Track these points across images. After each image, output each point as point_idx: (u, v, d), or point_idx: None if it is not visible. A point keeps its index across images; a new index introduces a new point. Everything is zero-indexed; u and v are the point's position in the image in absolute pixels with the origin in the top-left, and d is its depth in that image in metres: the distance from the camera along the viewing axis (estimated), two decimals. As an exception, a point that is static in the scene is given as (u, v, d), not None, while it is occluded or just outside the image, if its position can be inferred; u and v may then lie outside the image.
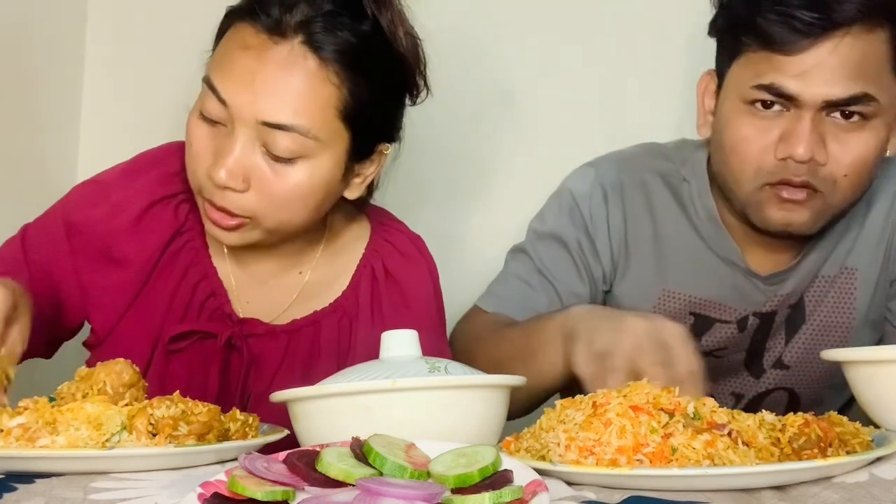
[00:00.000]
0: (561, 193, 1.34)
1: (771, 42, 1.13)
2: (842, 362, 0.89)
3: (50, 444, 0.75)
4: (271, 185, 1.03)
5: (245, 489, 0.63)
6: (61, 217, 1.14)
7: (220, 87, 1.03)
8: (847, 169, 1.15)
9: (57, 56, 1.64)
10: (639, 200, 1.30)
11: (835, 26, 1.10)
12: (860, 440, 0.75)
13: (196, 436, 0.78)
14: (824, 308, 1.30)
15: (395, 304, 1.17)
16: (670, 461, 0.68)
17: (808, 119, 1.13)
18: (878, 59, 1.13)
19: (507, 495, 0.61)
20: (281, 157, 1.02)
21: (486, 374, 0.89)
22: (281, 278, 1.18)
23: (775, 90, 1.13)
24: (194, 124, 1.06)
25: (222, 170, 1.01)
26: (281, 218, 1.06)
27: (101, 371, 0.86)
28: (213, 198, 1.04)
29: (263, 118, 1.01)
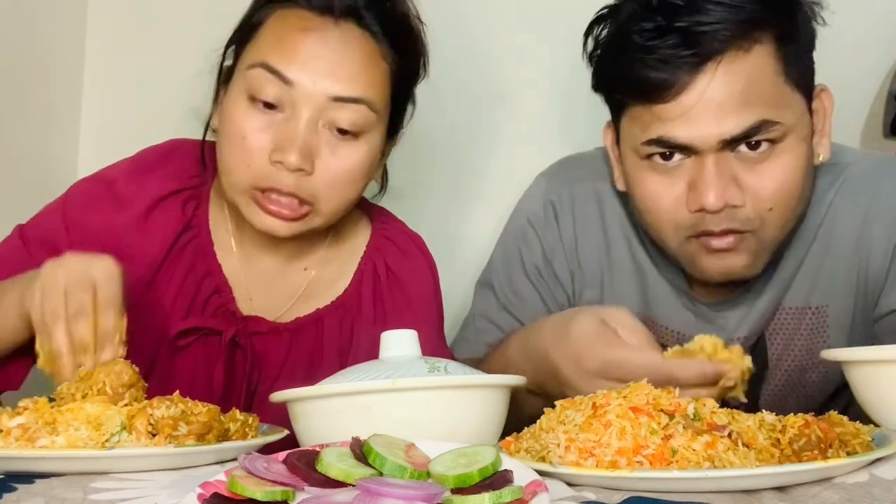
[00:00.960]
0: (516, 215, 1.30)
1: (646, 92, 1.05)
2: (842, 362, 0.89)
3: (50, 445, 0.75)
4: (335, 166, 1.06)
5: (245, 489, 0.63)
6: (61, 214, 1.14)
7: (283, 68, 1.04)
8: (770, 202, 1.06)
9: (57, 54, 1.64)
10: (590, 212, 1.24)
11: (706, 59, 1.02)
12: (860, 440, 0.75)
13: (196, 436, 0.78)
14: (794, 351, 1.20)
15: (396, 301, 1.19)
16: (670, 463, 0.68)
17: (711, 163, 1.04)
18: (766, 77, 1.04)
19: (507, 495, 0.61)
20: (347, 131, 1.06)
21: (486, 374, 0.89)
22: (286, 275, 1.19)
23: (665, 143, 1.05)
24: (243, 114, 1.06)
25: (294, 152, 1.03)
26: (339, 199, 1.09)
27: (101, 371, 0.86)
28: (278, 184, 1.04)
29: (336, 93, 1.04)
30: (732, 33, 1.02)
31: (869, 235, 1.15)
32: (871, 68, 1.56)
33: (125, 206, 1.13)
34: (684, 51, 1.02)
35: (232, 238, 1.17)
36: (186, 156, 1.17)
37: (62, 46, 1.65)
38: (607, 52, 1.11)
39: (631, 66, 1.05)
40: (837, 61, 1.32)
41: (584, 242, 1.24)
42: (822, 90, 1.13)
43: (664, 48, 1.02)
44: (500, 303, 1.27)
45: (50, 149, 1.63)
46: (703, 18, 1.01)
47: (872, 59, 1.56)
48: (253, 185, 1.06)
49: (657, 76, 1.03)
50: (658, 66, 1.03)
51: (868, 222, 1.15)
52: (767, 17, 1.03)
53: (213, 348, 1.14)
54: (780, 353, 1.20)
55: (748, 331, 1.19)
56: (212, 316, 1.14)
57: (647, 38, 1.04)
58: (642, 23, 1.04)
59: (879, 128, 1.52)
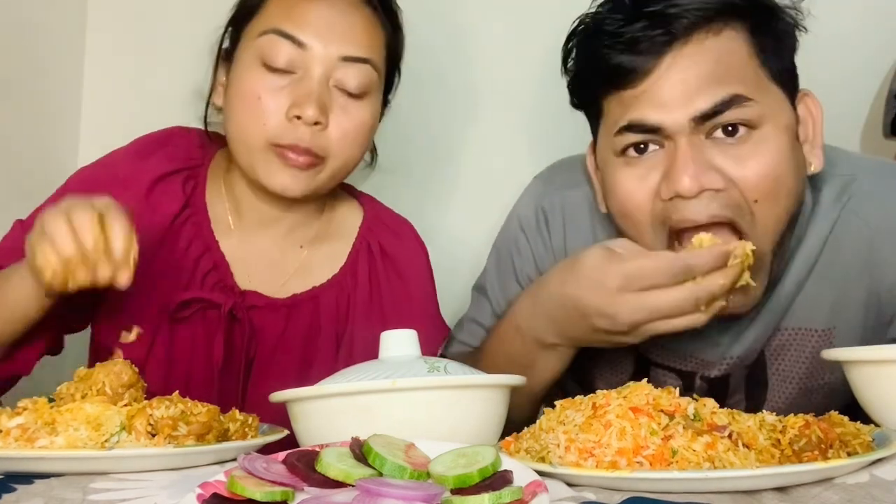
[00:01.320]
0: (510, 218, 1.29)
1: (616, 78, 1.03)
2: (842, 362, 0.89)
3: (49, 445, 0.75)
4: (345, 122, 1.13)
5: (244, 489, 0.63)
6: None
7: (295, 32, 1.12)
8: (755, 192, 1.00)
9: (58, 51, 1.64)
10: (581, 219, 1.22)
11: (673, 38, 1.00)
12: (861, 441, 0.74)
13: (195, 436, 0.78)
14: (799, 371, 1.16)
15: (391, 280, 1.24)
16: (670, 463, 0.68)
17: (685, 146, 0.99)
18: (737, 58, 1.01)
19: (507, 496, 0.61)
20: (353, 91, 1.14)
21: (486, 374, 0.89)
22: (282, 253, 1.23)
23: (637, 126, 1.02)
24: (257, 78, 1.12)
25: (312, 106, 1.10)
26: (347, 157, 1.16)
27: (100, 371, 0.86)
28: (295, 140, 1.11)
29: (345, 53, 1.12)
30: (702, 14, 1.00)
31: (879, 256, 1.10)
32: (870, 68, 1.56)
33: (127, 187, 1.17)
34: (651, 32, 1.00)
35: (230, 216, 1.22)
36: (183, 139, 1.23)
37: (62, 46, 1.65)
38: (581, 51, 1.10)
39: (601, 55, 1.04)
40: (837, 61, 1.33)
41: (574, 250, 1.20)
42: (807, 95, 1.08)
43: (632, 32, 1.01)
44: (493, 309, 1.27)
45: (50, 148, 1.63)
46: (674, 2, 1.01)
47: (872, 59, 1.56)
48: (270, 141, 1.12)
49: (626, 60, 1.02)
50: (626, 50, 1.01)
51: (878, 242, 1.10)
52: (740, 9, 1.02)
53: (212, 321, 1.17)
54: (785, 375, 1.16)
55: (744, 349, 1.15)
56: (210, 290, 1.18)
57: (617, 25, 1.03)
58: (612, 13, 1.04)
59: (879, 128, 1.52)
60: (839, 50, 1.28)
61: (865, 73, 1.57)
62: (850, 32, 1.52)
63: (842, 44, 1.35)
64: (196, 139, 1.25)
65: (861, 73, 1.56)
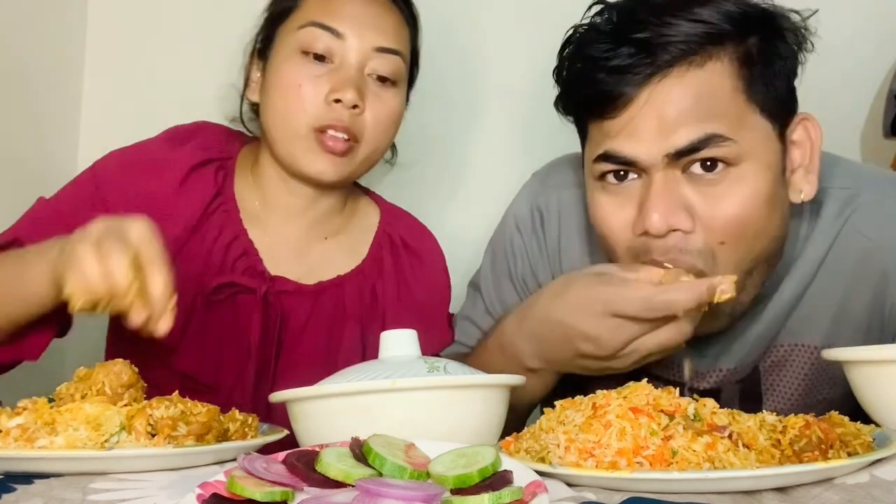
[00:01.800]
0: (506, 217, 1.29)
1: (595, 107, 1.01)
2: (842, 362, 0.89)
3: (49, 445, 0.75)
4: (379, 108, 1.20)
5: (244, 490, 0.63)
6: (93, 181, 1.21)
7: (334, 24, 1.19)
8: (722, 233, 0.97)
9: (57, 54, 1.64)
10: (576, 218, 1.21)
11: (654, 71, 0.97)
12: (861, 441, 0.75)
13: (195, 436, 0.78)
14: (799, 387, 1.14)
15: (415, 268, 1.32)
16: (670, 464, 0.68)
17: (659, 182, 0.97)
18: (720, 94, 0.97)
19: (507, 496, 0.61)
20: (388, 78, 1.21)
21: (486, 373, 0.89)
22: (307, 242, 1.28)
23: (612, 157, 1.00)
24: (298, 68, 1.19)
25: (352, 90, 1.17)
26: (379, 142, 1.22)
27: (100, 372, 0.86)
28: (337, 121, 1.17)
29: (378, 44, 1.20)
30: (686, 47, 0.96)
31: (882, 273, 1.08)
32: (870, 68, 1.56)
33: (163, 172, 1.22)
34: (635, 61, 0.97)
35: (258, 207, 1.27)
36: (212, 132, 1.29)
37: (62, 46, 1.65)
38: (568, 70, 1.08)
39: (585, 80, 1.02)
40: (837, 60, 1.32)
41: (567, 250, 1.22)
42: (806, 119, 1.04)
43: (616, 60, 0.98)
44: (486, 307, 1.27)
45: (50, 149, 1.63)
46: (663, 31, 0.97)
47: (872, 59, 1.56)
48: (311, 125, 1.18)
49: (606, 89, 0.99)
50: (608, 79, 0.99)
51: (881, 257, 1.08)
52: (729, 35, 0.98)
53: (242, 306, 1.23)
54: (781, 391, 1.15)
55: (736, 362, 1.13)
56: (241, 275, 1.23)
57: (602, 50, 1.00)
58: (600, 36, 1.02)
59: (879, 128, 1.52)
60: (839, 50, 1.27)
61: (865, 74, 1.57)
62: (849, 33, 1.52)
63: (841, 44, 1.35)
64: (223, 133, 1.31)
65: (861, 74, 1.56)
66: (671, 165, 0.97)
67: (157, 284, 0.91)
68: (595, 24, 1.05)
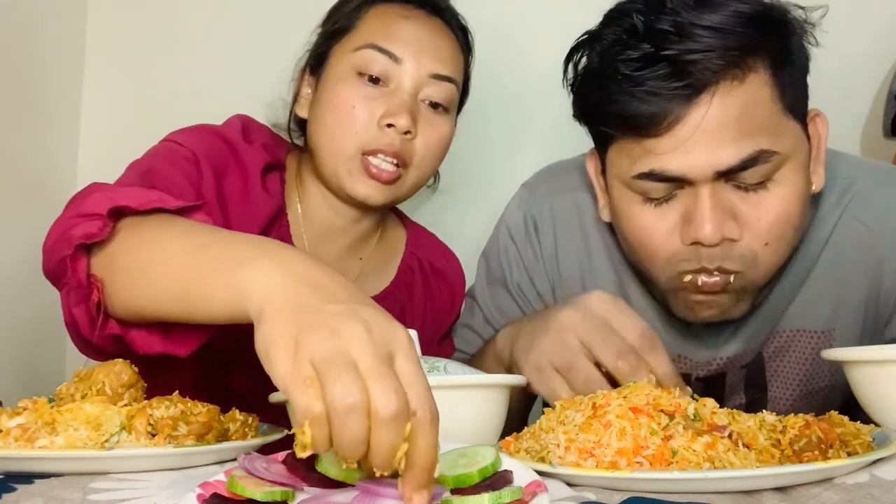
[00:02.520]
0: (499, 227, 1.29)
1: (636, 127, 0.99)
2: (842, 362, 0.89)
3: (49, 445, 0.74)
4: (431, 134, 1.20)
5: (244, 490, 0.63)
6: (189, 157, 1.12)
7: (392, 48, 1.18)
8: (767, 235, 1.00)
9: (57, 54, 1.64)
10: (570, 225, 1.22)
11: (699, 90, 0.96)
12: (861, 441, 0.75)
13: (195, 436, 0.78)
14: (800, 373, 1.17)
15: (442, 292, 1.33)
16: (670, 463, 0.68)
17: (707, 195, 0.98)
18: (762, 105, 0.98)
19: (507, 496, 0.61)
20: (440, 104, 1.20)
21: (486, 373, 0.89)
22: (344, 262, 1.28)
23: (658, 176, 0.99)
24: (351, 87, 1.17)
25: (406, 115, 1.15)
26: (428, 168, 1.21)
27: (100, 372, 0.86)
28: (387, 146, 1.15)
29: (434, 70, 1.19)
30: (725, 62, 0.96)
31: (878, 259, 1.11)
32: (871, 68, 1.56)
33: (243, 168, 1.18)
34: (675, 82, 0.95)
35: (301, 222, 1.25)
36: (266, 133, 1.27)
37: (62, 46, 1.65)
38: (590, 82, 1.05)
39: (618, 99, 0.99)
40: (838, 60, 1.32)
41: (564, 256, 1.23)
42: (817, 115, 1.07)
43: (653, 79, 0.96)
44: (484, 317, 1.27)
45: (50, 149, 1.63)
46: (693, 46, 0.95)
47: (872, 59, 1.56)
48: (361, 148, 1.16)
49: (647, 109, 0.97)
50: (648, 98, 0.97)
51: (877, 245, 1.11)
52: (760, 42, 0.98)
53: None
54: (785, 377, 1.17)
55: (738, 350, 1.15)
56: None
57: (634, 67, 0.97)
58: (628, 51, 0.98)
59: (879, 128, 1.52)
60: (840, 50, 1.28)
61: (866, 74, 1.57)
62: (849, 32, 1.52)
63: (842, 44, 1.34)
64: (274, 137, 1.28)
65: (861, 74, 1.56)
66: (718, 178, 0.99)
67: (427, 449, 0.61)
68: (620, 38, 1.01)
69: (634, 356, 0.91)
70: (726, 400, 1.19)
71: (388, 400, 0.58)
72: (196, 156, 1.13)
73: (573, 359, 0.93)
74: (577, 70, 1.08)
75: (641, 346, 0.92)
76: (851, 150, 1.59)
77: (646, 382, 0.79)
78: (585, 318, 0.95)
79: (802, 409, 1.12)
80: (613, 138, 1.04)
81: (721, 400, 1.15)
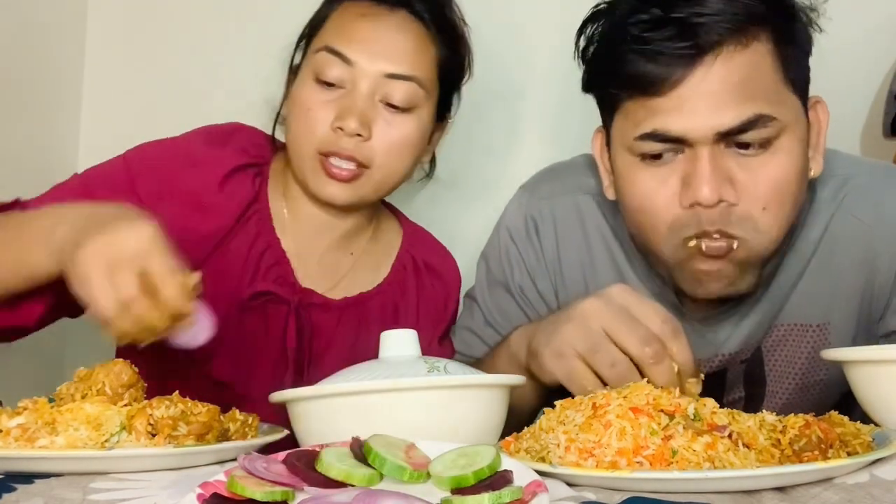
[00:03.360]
0: (498, 229, 1.29)
1: (641, 85, 1.02)
2: (842, 362, 0.89)
3: (49, 445, 0.75)
4: (389, 134, 1.18)
5: (244, 489, 0.63)
6: (124, 168, 1.20)
7: (344, 50, 1.18)
8: (764, 200, 1.02)
9: (58, 51, 1.64)
10: (571, 227, 1.23)
11: (703, 51, 0.99)
12: (861, 441, 0.75)
13: (195, 436, 0.78)
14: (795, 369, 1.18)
15: (436, 289, 1.33)
16: (670, 463, 0.68)
17: (706, 156, 1.01)
18: (763, 73, 1.01)
19: (507, 496, 0.61)
20: (399, 106, 1.18)
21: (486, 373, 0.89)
22: (335, 257, 1.28)
23: (660, 136, 1.02)
24: (308, 90, 1.19)
25: (354, 118, 1.15)
26: (391, 167, 1.20)
27: (100, 372, 0.86)
28: (339, 148, 1.16)
29: (389, 70, 1.17)
30: (731, 26, 0.99)
31: (873, 254, 1.13)
32: (871, 68, 1.56)
33: (203, 169, 1.21)
34: (681, 42, 0.99)
35: (287, 216, 1.27)
36: (250, 135, 1.29)
37: (62, 45, 1.65)
38: (601, 47, 1.09)
39: (625, 59, 1.03)
40: (838, 60, 1.32)
41: (566, 258, 1.23)
42: (818, 102, 1.10)
43: (660, 40, 1.00)
44: (484, 318, 1.27)
45: (50, 146, 1.63)
46: (701, 10, 0.99)
47: (872, 59, 1.56)
48: (318, 150, 1.18)
49: (653, 69, 1.01)
50: (654, 58, 1.00)
51: (872, 240, 1.13)
52: (765, 15, 1.01)
53: (273, 315, 1.23)
54: (782, 371, 1.18)
55: (739, 345, 1.17)
56: (274, 284, 1.23)
57: (643, 29, 1.01)
58: (638, 14, 1.02)
59: (879, 128, 1.52)
60: (840, 49, 1.28)
61: (866, 73, 1.57)
62: (850, 32, 1.52)
63: (842, 43, 1.34)
64: (260, 138, 1.30)
65: (861, 73, 1.56)
66: (718, 141, 1.01)
67: (173, 297, 0.87)
68: (633, 4, 1.04)
69: (658, 343, 0.91)
70: (726, 395, 1.20)
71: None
72: (131, 168, 1.19)
73: (598, 342, 0.93)
74: (589, 40, 1.11)
75: (664, 333, 0.92)
76: (851, 149, 1.59)
77: (645, 382, 0.79)
78: (608, 306, 0.94)
79: (800, 404, 1.16)
80: (620, 104, 1.07)
81: (721, 395, 1.18)
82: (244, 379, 1.22)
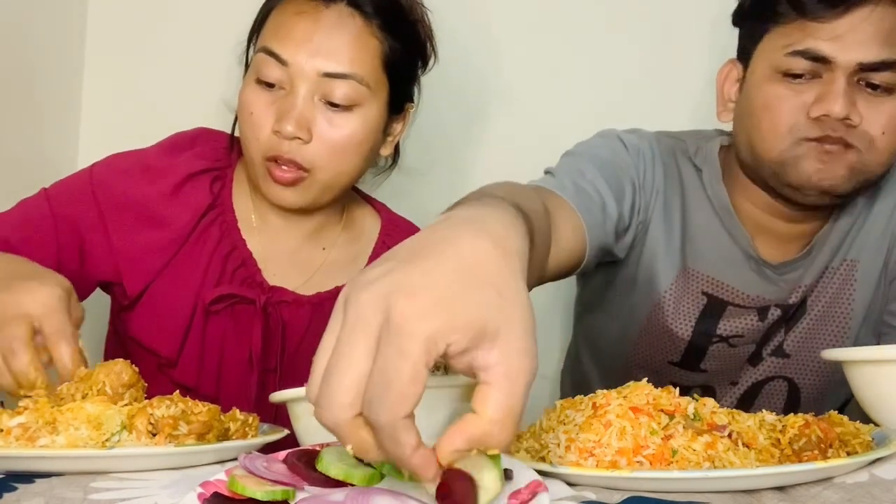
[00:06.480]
0: (607, 134, 1.30)
1: (806, 10, 1.15)
2: (842, 362, 0.89)
3: (50, 444, 0.75)
4: (331, 134, 1.16)
5: (245, 489, 0.63)
6: (89, 180, 1.21)
7: (279, 50, 1.16)
8: (884, 127, 1.16)
9: (58, 51, 1.64)
10: (673, 173, 1.30)
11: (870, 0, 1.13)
12: (861, 440, 0.75)
13: (196, 435, 0.78)
14: (824, 298, 1.31)
15: None
16: (670, 463, 0.68)
17: (843, 80, 1.14)
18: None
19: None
20: (339, 104, 1.16)
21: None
22: (306, 253, 1.28)
23: (810, 54, 1.15)
24: (251, 93, 1.18)
25: (291, 122, 1.14)
26: (337, 168, 1.18)
27: (101, 371, 0.86)
28: (280, 152, 1.15)
29: (325, 69, 1.15)
30: None
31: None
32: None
33: (157, 178, 1.21)
34: None
35: (254, 217, 1.26)
36: (211, 140, 1.28)
37: (62, 46, 1.65)
38: None
39: None
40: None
41: (668, 195, 1.29)
42: None
43: None
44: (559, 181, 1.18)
45: (50, 148, 1.63)
46: None
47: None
48: (262, 154, 1.17)
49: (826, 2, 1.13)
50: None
51: None
52: None
53: (241, 317, 1.22)
54: (814, 300, 1.31)
55: (807, 287, 1.30)
56: (239, 286, 1.23)
57: None
58: None
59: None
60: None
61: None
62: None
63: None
64: (223, 142, 1.29)
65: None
66: (855, 72, 1.14)
67: (64, 358, 0.91)
68: None
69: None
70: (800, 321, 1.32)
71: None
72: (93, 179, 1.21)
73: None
74: None
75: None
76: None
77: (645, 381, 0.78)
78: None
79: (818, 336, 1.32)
80: (774, 27, 1.19)
81: (795, 322, 1.32)
82: (212, 382, 1.22)
